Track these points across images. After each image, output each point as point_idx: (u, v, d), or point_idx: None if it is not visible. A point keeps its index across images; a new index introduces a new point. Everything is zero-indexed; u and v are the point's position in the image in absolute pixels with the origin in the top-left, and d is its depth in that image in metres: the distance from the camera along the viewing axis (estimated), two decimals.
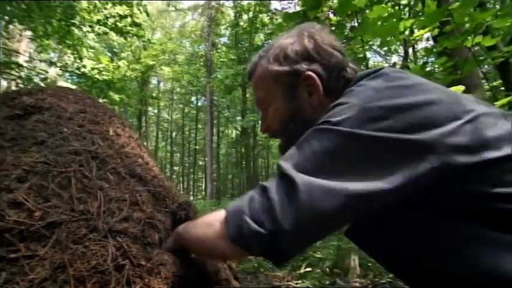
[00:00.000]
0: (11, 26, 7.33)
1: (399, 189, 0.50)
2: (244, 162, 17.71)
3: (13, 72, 6.20)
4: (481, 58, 3.04)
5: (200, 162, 24.71)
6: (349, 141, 0.52)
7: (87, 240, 0.70)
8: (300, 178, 0.53)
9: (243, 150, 17.44)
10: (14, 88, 6.58)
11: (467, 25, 2.30)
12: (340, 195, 0.50)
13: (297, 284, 4.25)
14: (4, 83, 8.07)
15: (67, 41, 7.38)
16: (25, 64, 7.03)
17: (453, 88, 1.63)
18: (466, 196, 0.50)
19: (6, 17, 6.21)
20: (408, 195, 0.52)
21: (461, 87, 1.61)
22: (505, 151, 0.49)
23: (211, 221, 0.67)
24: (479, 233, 0.48)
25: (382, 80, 0.58)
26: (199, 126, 22.87)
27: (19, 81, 6.18)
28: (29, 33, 7.60)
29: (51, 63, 8.18)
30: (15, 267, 0.56)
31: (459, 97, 0.57)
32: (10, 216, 0.59)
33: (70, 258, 0.63)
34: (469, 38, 2.07)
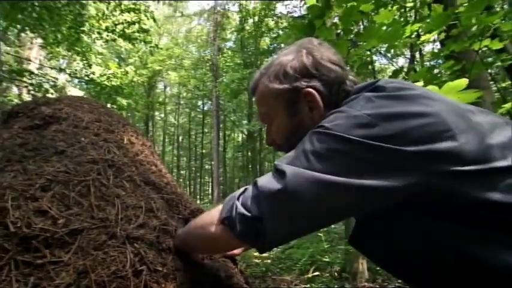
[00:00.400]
0: (22, 34, 7.49)
1: (372, 193, 0.54)
2: (250, 166, 17.74)
3: (24, 79, 6.33)
4: (489, 60, 3.02)
5: (206, 166, 24.81)
6: (336, 143, 0.56)
7: (106, 247, 0.73)
8: (290, 169, 0.58)
9: (249, 153, 17.48)
10: (26, 95, 6.72)
11: (474, 28, 2.30)
12: (322, 185, 0.55)
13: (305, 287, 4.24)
14: (15, 90, 8.25)
15: (76, 48, 7.52)
16: (36, 71, 7.17)
17: (455, 82, 1.61)
18: (458, 202, 0.52)
19: (18, 26, 6.36)
20: (391, 200, 0.56)
21: (465, 80, 1.59)
22: (506, 161, 0.51)
23: (210, 212, 0.77)
24: (478, 233, 0.50)
25: (376, 91, 0.61)
26: (206, 130, 23.00)
27: (31, 88, 6.30)
28: (39, 40, 7.76)
29: (60, 70, 8.34)
30: (42, 273, 0.59)
31: (457, 109, 0.58)
32: (36, 224, 0.62)
33: (91, 264, 0.66)
34: (477, 41, 2.07)
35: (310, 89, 0.71)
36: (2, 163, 0.76)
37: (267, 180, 0.61)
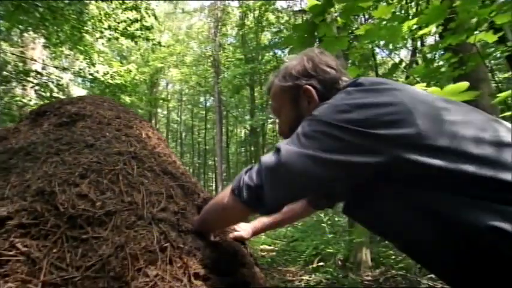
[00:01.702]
0: (25, 34, 7.59)
1: (347, 167, 0.67)
2: (253, 161, 17.85)
3: (30, 79, 6.45)
4: (489, 52, 3.08)
5: (210, 162, 24.95)
6: (320, 126, 0.71)
7: (136, 226, 0.83)
8: (284, 147, 0.74)
9: (252, 149, 17.58)
10: (33, 95, 6.84)
11: (472, 21, 2.35)
12: (308, 158, 0.69)
13: (310, 277, 4.36)
14: (19, 91, 8.36)
15: (79, 47, 7.61)
16: (41, 71, 7.28)
17: (456, 85, 1.70)
18: (430, 175, 0.63)
19: (21, 26, 6.45)
20: (364, 175, 0.68)
21: (466, 84, 1.68)
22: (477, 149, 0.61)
23: (223, 190, 0.90)
24: (453, 199, 0.60)
25: (355, 86, 0.76)
26: (209, 126, 23.09)
27: (37, 88, 6.41)
28: (42, 40, 7.85)
29: (64, 69, 8.44)
30: (87, 246, 0.69)
31: (422, 99, 0.69)
32: (79, 205, 0.73)
33: (126, 240, 0.77)
34: (473, 34, 2.14)
35: (308, 86, 0.88)
36: (43, 155, 0.87)
37: (268, 157, 0.77)
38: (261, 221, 1.24)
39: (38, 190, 0.73)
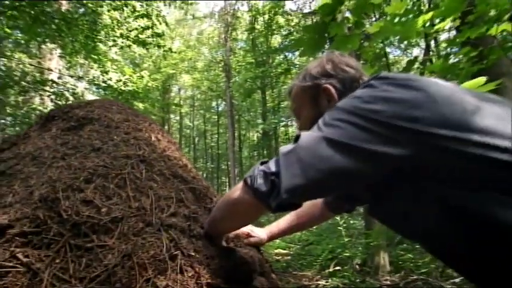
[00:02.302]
0: (43, 46, 7.81)
1: (369, 157, 0.63)
2: None
3: (47, 88, 6.61)
4: (511, 45, 2.94)
5: (223, 166, 25.00)
6: (341, 114, 0.68)
7: (144, 233, 0.79)
8: (304, 133, 0.71)
9: (265, 152, 17.51)
10: (49, 103, 7.01)
11: (491, 13, 2.25)
12: (328, 144, 0.65)
13: (327, 282, 4.25)
14: (37, 100, 8.59)
15: (93, 56, 7.77)
16: (57, 80, 7.46)
17: (474, 80, 1.62)
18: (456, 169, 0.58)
19: (39, 38, 6.64)
20: (386, 167, 0.63)
21: (483, 78, 1.59)
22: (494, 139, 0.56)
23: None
24: (481, 195, 0.56)
25: (378, 80, 0.72)
26: (221, 130, 23.18)
27: (53, 97, 6.56)
28: (59, 51, 8.06)
29: (79, 78, 8.64)
30: (92, 255, 0.65)
31: (452, 94, 0.64)
32: (83, 212, 0.69)
33: (133, 248, 0.72)
34: (494, 26, 2.03)
35: (328, 85, 0.89)
36: (48, 160, 0.84)
37: (286, 146, 0.74)
38: (277, 225, 1.19)
39: (41, 196, 0.69)
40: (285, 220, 1.19)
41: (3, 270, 0.56)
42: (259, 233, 1.13)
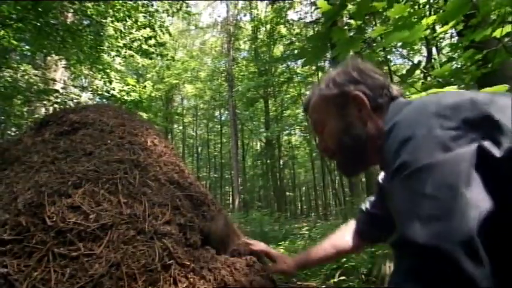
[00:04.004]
0: (48, 58, 7.91)
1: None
2: (270, 174, 17.67)
3: (51, 98, 6.65)
4: None
5: (226, 176, 24.90)
6: (434, 174, 0.51)
7: (135, 241, 0.74)
8: (419, 234, 0.48)
9: (268, 161, 17.43)
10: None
11: (494, 15, 2.22)
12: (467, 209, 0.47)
13: None
14: (42, 110, 8.65)
15: (97, 66, 7.84)
16: (61, 90, 7.51)
17: (495, 88, 1.57)
18: None
19: (44, 50, 6.71)
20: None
21: (506, 86, 1.55)
22: None
23: None
24: None
25: (422, 100, 0.61)
26: (224, 140, 23.17)
27: (56, 106, 6.60)
28: (64, 62, 8.15)
29: (83, 88, 8.70)
30: (77, 264, 0.61)
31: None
32: (70, 218, 0.65)
33: (122, 257, 0.68)
34: (498, 28, 1.99)
35: (358, 92, 0.78)
36: (37, 165, 0.80)
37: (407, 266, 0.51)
38: (309, 254, 1.12)
39: (25, 202, 0.65)
40: (322, 249, 1.11)
41: None
42: (284, 259, 1.08)
